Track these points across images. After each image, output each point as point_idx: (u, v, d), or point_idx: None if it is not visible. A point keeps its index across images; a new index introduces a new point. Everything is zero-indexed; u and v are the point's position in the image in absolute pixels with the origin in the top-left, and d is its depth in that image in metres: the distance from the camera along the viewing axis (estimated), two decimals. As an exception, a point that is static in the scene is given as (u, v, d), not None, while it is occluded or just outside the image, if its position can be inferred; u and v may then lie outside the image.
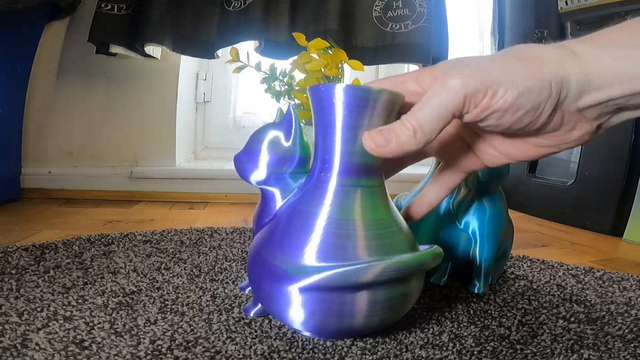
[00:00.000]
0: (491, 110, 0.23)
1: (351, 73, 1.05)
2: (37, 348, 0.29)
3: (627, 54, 0.22)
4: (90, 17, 0.89)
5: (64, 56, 1.00)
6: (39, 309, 0.35)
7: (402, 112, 0.26)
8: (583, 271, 0.53)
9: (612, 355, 0.32)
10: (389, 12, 0.98)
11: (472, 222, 0.44)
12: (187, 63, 1.09)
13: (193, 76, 1.17)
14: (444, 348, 0.33)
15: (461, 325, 0.37)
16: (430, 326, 0.36)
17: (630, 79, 0.22)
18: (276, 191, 0.35)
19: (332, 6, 0.95)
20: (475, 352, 0.32)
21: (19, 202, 0.89)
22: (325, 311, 0.29)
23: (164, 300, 0.39)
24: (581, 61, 0.23)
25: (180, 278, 0.45)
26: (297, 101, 0.64)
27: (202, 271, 0.48)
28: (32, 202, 0.90)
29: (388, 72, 1.19)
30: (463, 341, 0.34)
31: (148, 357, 0.29)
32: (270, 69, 0.67)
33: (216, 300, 0.40)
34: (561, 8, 0.94)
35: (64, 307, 0.36)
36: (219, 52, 0.95)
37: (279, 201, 0.34)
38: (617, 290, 0.47)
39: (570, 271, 0.53)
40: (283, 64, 0.70)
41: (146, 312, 0.36)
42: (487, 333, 0.35)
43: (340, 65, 0.61)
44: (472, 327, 0.36)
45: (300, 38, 0.58)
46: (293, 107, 0.34)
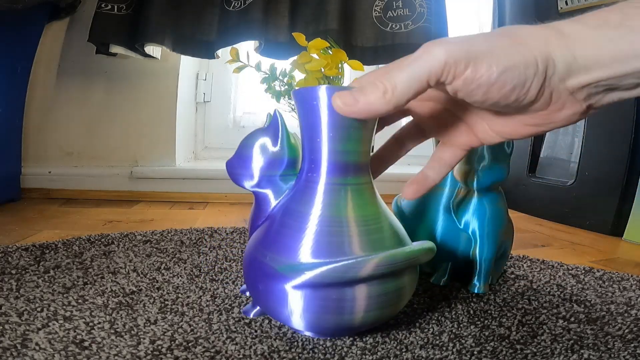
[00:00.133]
0: (476, 84, 0.23)
1: (351, 73, 1.05)
2: (37, 348, 0.29)
3: (619, 34, 0.22)
4: (90, 17, 0.89)
5: (64, 56, 1.00)
6: (39, 309, 0.35)
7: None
8: (583, 271, 0.53)
9: (612, 355, 0.32)
10: (389, 12, 0.98)
11: (472, 222, 0.44)
12: (187, 63, 1.09)
13: (193, 76, 1.17)
14: (444, 348, 0.33)
15: (461, 325, 0.37)
16: (430, 326, 0.36)
17: (621, 60, 0.22)
18: (269, 193, 0.35)
19: (332, 6, 0.95)
20: (475, 352, 0.32)
21: (19, 202, 0.89)
22: (319, 308, 0.30)
23: (164, 300, 0.39)
24: (567, 41, 0.23)
25: (180, 278, 0.45)
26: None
27: (202, 271, 0.48)
28: (32, 202, 0.90)
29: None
30: (463, 341, 0.34)
31: (148, 357, 0.29)
32: (270, 69, 0.67)
33: (216, 300, 0.40)
34: (561, 8, 0.94)
35: (64, 307, 0.36)
36: (219, 52, 0.95)
37: (272, 203, 0.35)
38: (617, 290, 0.47)
39: (570, 271, 0.53)
40: (283, 64, 0.70)
41: (146, 312, 0.36)
42: (487, 333, 0.35)
43: (340, 65, 0.61)
44: (472, 327, 0.36)
45: (300, 38, 0.58)
46: (279, 112, 0.35)
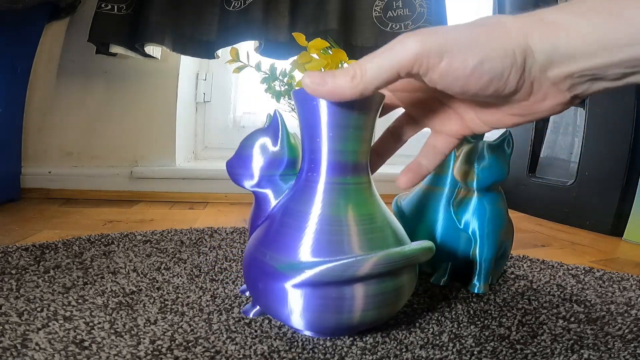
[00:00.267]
0: (452, 76, 0.23)
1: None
2: (37, 348, 0.29)
3: (606, 22, 0.21)
4: (90, 17, 0.89)
5: (64, 56, 1.00)
6: (39, 309, 0.35)
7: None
8: (583, 271, 0.53)
9: (612, 355, 0.32)
10: (389, 12, 0.98)
11: (472, 222, 0.44)
12: (187, 63, 1.09)
13: (193, 76, 1.17)
14: (444, 348, 0.33)
15: (461, 325, 0.37)
16: (430, 326, 0.36)
17: (607, 49, 0.21)
18: (269, 193, 0.35)
19: (332, 6, 0.95)
20: (475, 352, 0.32)
21: (19, 202, 0.89)
22: (319, 307, 0.30)
23: (164, 300, 0.39)
24: (549, 29, 0.22)
25: (180, 278, 0.45)
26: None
27: (202, 271, 0.48)
28: (32, 202, 0.90)
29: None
30: (463, 341, 0.34)
31: (148, 357, 0.29)
32: (270, 69, 0.67)
33: (216, 300, 0.40)
34: (561, 8, 0.94)
35: (64, 307, 0.36)
36: (219, 52, 0.95)
37: (272, 202, 0.35)
38: (617, 290, 0.47)
39: (570, 271, 0.53)
40: (283, 64, 0.70)
41: (146, 312, 0.36)
42: (487, 333, 0.35)
43: (340, 65, 0.61)
44: (472, 327, 0.36)
45: (300, 38, 0.58)
46: (279, 112, 0.35)
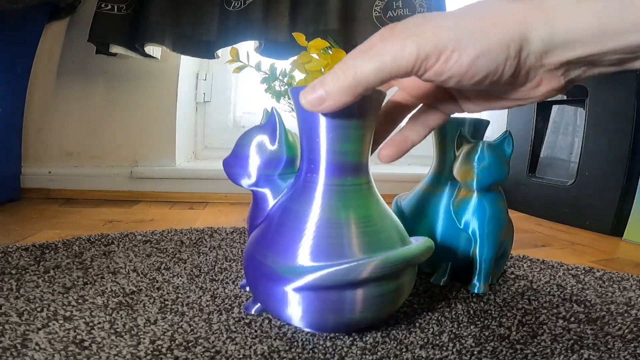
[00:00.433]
0: (447, 75, 0.23)
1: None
2: (37, 348, 0.29)
3: (604, 7, 0.21)
4: (90, 17, 0.89)
5: (64, 56, 1.00)
6: (39, 309, 0.35)
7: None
8: (583, 271, 0.53)
9: (612, 355, 0.32)
10: (389, 12, 0.98)
11: (472, 222, 0.44)
12: (187, 63, 1.09)
13: (193, 76, 1.17)
14: (444, 348, 0.33)
15: (461, 325, 0.37)
16: (430, 326, 0.36)
17: (606, 35, 0.21)
18: (267, 192, 0.35)
19: (332, 6, 0.94)
20: (475, 352, 0.32)
21: (19, 202, 0.89)
22: (320, 309, 0.30)
23: (164, 300, 0.39)
24: (546, 15, 0.22)
25: (180, 278, 0.45)
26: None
27: (202, 271, 0.48)
28: (32, 202, 0.90)
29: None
30: (463, 341, 0.34)
31: (148, 357, 0.29)
32: (270, 69, 0.67)
33: (216, 300, 0.40)
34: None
35: (64, 307, 0.36)
36: (219, 52, 0.95)
37: (271, 202, 0.35)
38: (617, 290, 0.47)
39: (570, 271, 0.53)
40: (283, 64, 0.70)
41: (146, 312, 0.36)
42: (487, 333, 0.35)
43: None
44: (472, 327, 0.36)
45: (300, 38, 0.58)
46: (276, 110, 0.34)
